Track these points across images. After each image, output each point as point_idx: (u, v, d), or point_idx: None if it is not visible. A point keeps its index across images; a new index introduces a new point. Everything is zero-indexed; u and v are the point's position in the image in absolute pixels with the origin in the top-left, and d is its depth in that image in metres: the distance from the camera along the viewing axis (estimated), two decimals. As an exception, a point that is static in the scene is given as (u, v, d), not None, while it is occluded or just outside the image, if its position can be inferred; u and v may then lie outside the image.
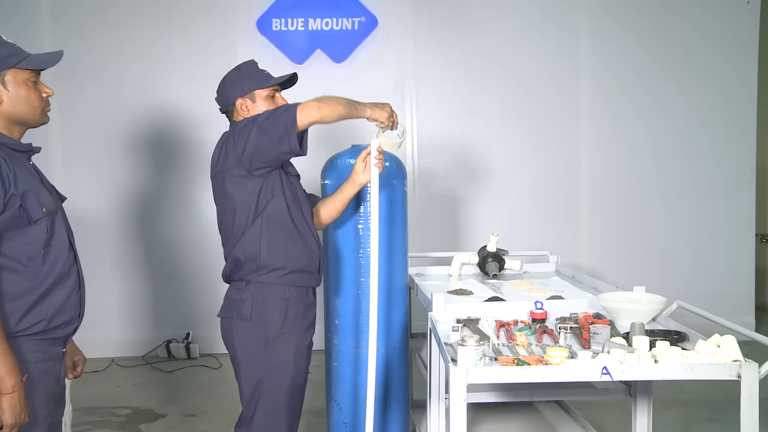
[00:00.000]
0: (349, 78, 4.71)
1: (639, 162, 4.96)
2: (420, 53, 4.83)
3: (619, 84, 4.92)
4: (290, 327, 2.14)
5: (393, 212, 2.70)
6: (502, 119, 4.89)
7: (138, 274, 4.76)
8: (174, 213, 4.74)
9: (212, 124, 3.47)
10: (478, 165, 4.88)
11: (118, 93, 4.66)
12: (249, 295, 2.13)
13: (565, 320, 2.14)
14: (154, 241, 4.76)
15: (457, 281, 3.03)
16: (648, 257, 4.96)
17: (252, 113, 2.18)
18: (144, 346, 4.73)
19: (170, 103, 4.67)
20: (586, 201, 4.98)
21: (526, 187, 4.92)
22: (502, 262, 3.09)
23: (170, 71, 4.68)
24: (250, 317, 2.12)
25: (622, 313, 2.14)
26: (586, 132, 4.96)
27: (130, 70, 4.67)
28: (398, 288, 2.73)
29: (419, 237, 4.56)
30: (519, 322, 2.19)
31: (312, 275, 2.22)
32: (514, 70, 4.86)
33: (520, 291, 2.75)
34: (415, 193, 4.82)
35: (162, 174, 4.74)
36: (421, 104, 4.85)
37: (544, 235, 4.80)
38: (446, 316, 2.28)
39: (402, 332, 2.74)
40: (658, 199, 4.99)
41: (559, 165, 4.93)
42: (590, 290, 2.72)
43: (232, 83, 2.20)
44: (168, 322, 4.77)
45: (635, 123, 4.95)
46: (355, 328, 2.63)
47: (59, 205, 1.80)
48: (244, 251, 2.13)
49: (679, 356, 1.73)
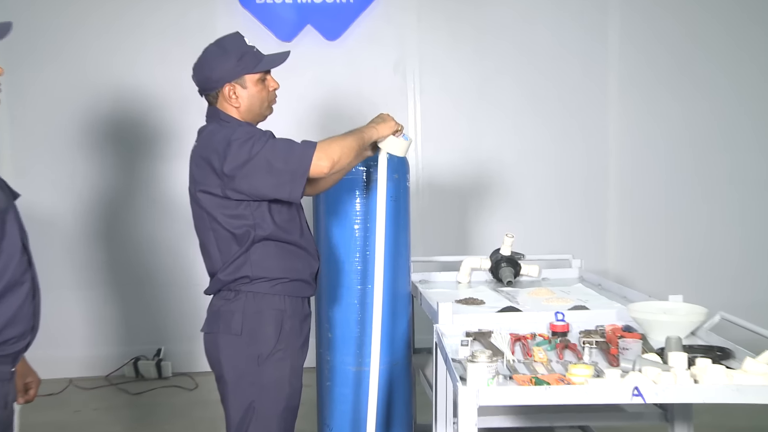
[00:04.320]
0: (344, 58, 4.71)
1: (675, 154, 4.96)
2: (424, 29, 4.83)
3: (652, 65, 4.92)
4: (286, 342, 2.15)
5: (395, 211, 2.71)
6: (518, 104, 4.89)
7: (102, 281, 4.75)
8: (144, 210, 4.74)
9: (188, 108, 3.45)
10: (490, 156, 4.87)
11: (79, 74, 4.66)
12: (239, 306, 2.14)
13: (590, 334, 2.14)
14: (121, 242, 4.75)
15: (467, 289, 3.03)
16: (685, 262, 4.96)
17: (240, 100, 2.19)
18: (108, 364, 4.72)
19: (140, 85, 4.66)
20: (614, 198, 4.98)
21: (545, 182, 4.92)
22: (518, 268, 3.09)
23: (139, 49, 4.67)
24: (240, 332, 2.12)
25: (656, 325, 2.14)
26: (614, 119, 4.96)
27: (93, 47, 4.66)
28: (401, 297, 2.73)
29: (423, 239, 4.56)
30: (537, 335, 2.20)
31: (308, 284, 2.25)
32: (531, 49, 4.86)
33: (538, 300, 2.75)
34: (418, 189, 4.82)
35: (130, 166, 4.73)
36: (424, 87, 4.84)
37: (566, 237, 4.80)
38: (454, 328, 2.28)
39: (404, 347, 2.74)
40: (697, 196, 4.99)
41: (582, 157, 4.93)
42: (619, 299, 2.72)
43: (216, 63, 2.20)
44: (136, 336, 4.77)
45: (671, 110, 4.95)
46: (352, 342, 2.63)
47: (11, 202, 1.80)
48: (229, 275, 2.15)
49: (724, 376, 1.72)
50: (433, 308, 2.45)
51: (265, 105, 2.25)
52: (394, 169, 2.68)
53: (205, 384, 4.39)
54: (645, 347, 1.98)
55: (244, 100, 2.20)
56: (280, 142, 2.09)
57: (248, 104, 2.21)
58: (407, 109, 4.79)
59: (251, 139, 2.06)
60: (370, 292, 2.57)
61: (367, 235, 2.69)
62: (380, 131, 2.30)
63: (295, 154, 2.05)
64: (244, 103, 2.20)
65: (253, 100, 2.21)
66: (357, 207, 2.68)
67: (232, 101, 2.19)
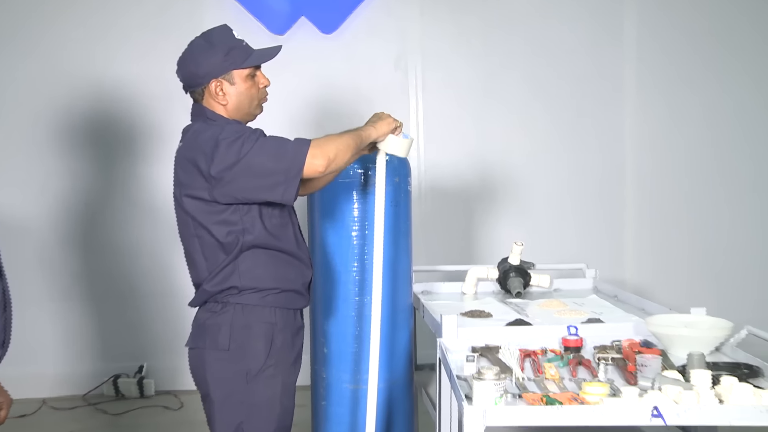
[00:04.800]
0: (340, 52, 4.72)
1: (696, 156, 4.97)
2: (427, 21, 4.84)
3: (671, 58, 4.93)
4: (276, 358, 2.16)
5: (395, 216, 2.72)
6: (527, 102, 4.90)
7: (78, 292, 4.75)
8: (124, 215, 4.73)
9: (173, 106, 3.46)
10: (498, 158, 4.89)
11: (56, 68, 4.66)
12: (226, 319, 2.14)
13: (606, 349, 2.15)
14: (100, 250, 4.75)
15: (473, 301, 3.04)
16: (708, 271, 4.96)
17: (228, 97, 2.20)
18: (85, 382, 4.72)
19: (121, 80, 4.66)
20: (630, 203, 4.99)
21: (557, 186, 4.93)
22: (528, 278, 3.09)
23: (121, 42, 4.68)
24: (227, 347, 2.13)
25: (677, 340, 2.15)
26: (631, 118, 4.96)
27: (71, 39, 4.66)
28: (401, 309, 2.74)
29: (425, 246, 4.57)
30: (548, 351, 2.20)
31: (301, 295, 2.25)
32: (542, 43, 4.87)
33: (549, 313, 2.76)
34: (421, 193, 4.83)
35: (109, 167, 4.74)
36: (427, 84, 4.86)
37: (579, 245, 4.81)
38: (459, 343, 2.28)
39: (405, 363, 2.74)
40: (721, 201, 4.99)
41: (597, 158, 4.94)
42: (637, 312, 2.73)
43: (201, 57, 2.20)
44: (116, 351, 4.76)
45: (691, 107, 4.96)
46: (349, 357, 2.63)
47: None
48: (215, 285, 2.16)
49: (751, 395, 1.72)
50: (436, 321, 2.45)
51: (254, 103, 2.26)
52: (394, 171, 2.69)
53: (190, 403, 4.39)
54: (665, 364, 1.99)
55: (231, 97, 2.20)
56: (271, 140, 2.10)
57: (236, 102, 2.21)
58: (409, 108, 4.80)
59: (240, 138, 2.06)
60: (369, 303, 2.58)
61: (366, 242, 2.69)
62: (378, 130, 2.30)
63: (288, 153, 2.05)
64: (232, 101, 2.21)
65: (242, 97, 2.22)
66: (354, 212, 2.69)
67: (219, 98, 2.20)
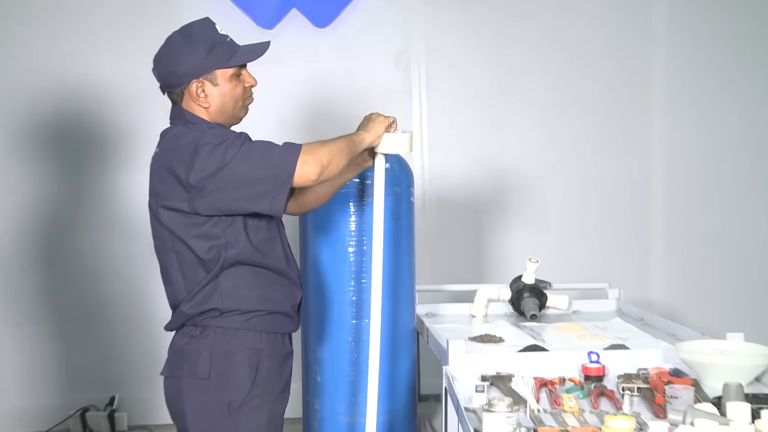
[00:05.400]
0: (335, 48, 4.72)
1: (731, 166, 4.97)
2: (432, 12, 4.85)
3: (704, 58, 4.93)
4: (262, 388, 2.16)
5: (396, 230, 2.72)
6: (545, 104, 4.90)
7: (41, 316, 4.73)
8: (94, 228, 4.72)
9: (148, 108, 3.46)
10: (511, 166, 4.88)
11: (17, 67, 4.66)
12: (206, 344, 2.14)
13: (631, 378, 2.15)
14: (66, 267, 4.73)
15: (482, 324, 3.05)
16: (746, 293, 4.96)
17: (210, 99, 2.20)
18: (49, 416, 4.69)
19: (90, 79, 4.67)
20: (659, 216, 4.98)
21: (577, 197, 4.93)
22: (544, 299, 3.10)
23: (89, 37, 4.69)
24: (207, 375, 2.13)
25: (712, 369, 2.14)
26: (660, 124, 4.97)
27: (34, 35, 4.67)
28: (403, 333, 2.74)
29: (430, 264, 4.56)
30: (567, 380, 2.20)
31: (290, 318, 2.25)
32: (562, 38, 4.88)
33: (568, 338, 2.77)
34: (425, 205, 4.82)
35: (76, 175, 4.73)
36: (432, 83, 4.86)
37: (602, 262, 4.80)
38: (467, 371, 2.28)
39: (408, 393, 2.74)
40: (758, 214, 5.00)
41: (622, 167, 4.94)
42: (666, 337, 2.73)
43: (181, 55, 2.20)
44: (84, 382, 4.74)
45: (726, 112, 4.96)
46: (345, 387, 2.63)
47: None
48: (194, 306, 2.16)
49: (794, 430, 1.72)
50: (442, 347, 2.45)
51: (239, 105, 2.26)
52: (395, 180, 2.69)
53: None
54: (698, 396, 1.99)
55: (214, 99, 2.21)
56: (258, 145, 2.10)
57: (219, 104, 2.22)
58: (411, 109, 4.79)
59: (224, 142, 2.06)
60: (366, 327, 2.57)
61: (363, 259, 2.70)
62: (372, 132, 2.30)
63: (277, 158, 2.05)
64: (215, 103, 2.21)
65: (226, 99, 2.22)
66: (351, 225, 2.69)
67: (200, 100, 2.20)
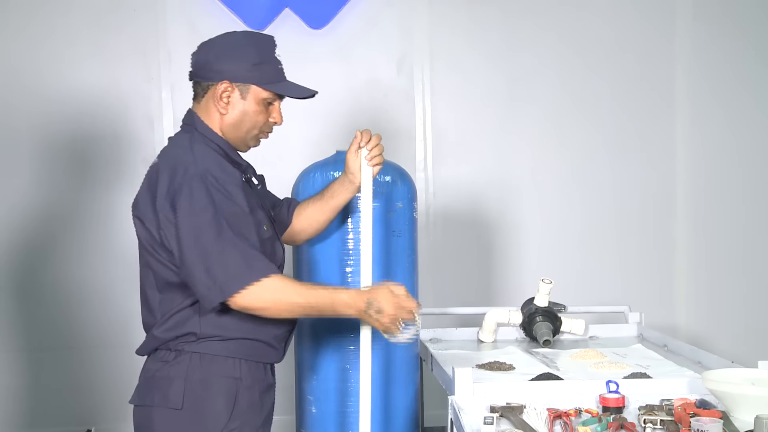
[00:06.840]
0: (332, 51, 4.73)
1: (762, 176, 4.98)
2: (436, 13, 4.87)
3: (730, 58, 4.95)
4: (241, 420, 2.15)
5: (396, 249, 2.72)
6: (559, 111, 4.91)
7: (10, 343, 4.73)
8: (71, 248, 4.72)
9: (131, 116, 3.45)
10: (522, 178, 4.89)
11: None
12: (180, 371, 2.15)
13: (654, 410, 2.15)
14: (40, 290, 4.73)
15: (491, 350, 3.04)
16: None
17: (230, 107, 2.22)
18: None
19: (70, 85, 4.67)
20: (683, 232, 4.98)
21: (594, 212, 4.93)
22: (558, 323, 3.09)
23: (70, 40, 4.70)
24: (181, 405, 2.13)
25: (742, 400, 2.13)
26: (684, 132, 4.97)
27: (13, 39, 4.68)
28: (404, 360, 2.73)
29: (434, 285, 4.56)
30: (583, 411, 2.20)
31: (272, 348, 2.25)
32: (577, 39, 4.89)
33: (584, 365, 2.76)
34: (429, 221, 4.83)
35: (54, 191, 4.73)
36: (437, 89, 4.87)
37: (621, 283, 4.81)
38: (475, 401, 2.28)
39: (410, 425, 2.74)
40: (792, 231, 5.00)
41: (643, 179, 4.95)
42: (691, 365, 2.72)
43: (229, 53, 2.24)
44: (56, 414, 4.73)
45: (755, 116, 4.96)
46: (341, 419, 2.63)
47: None
48: (168, 331, 2.17)
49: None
50: (447, 375, 2.45)
51: (253, 132, 2.28)
52: (396, 194, 2.70)
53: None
54: (727, 429, 1.98)
55: (234, 111, 2.23)
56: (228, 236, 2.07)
57: (237, 119, 2.24)
58: (415, 118, 4.81)
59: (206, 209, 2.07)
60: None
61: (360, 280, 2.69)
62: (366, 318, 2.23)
63: (231, 269, 2.05)
64: (233, 115, 2.24)
65: (245, 117, 2.25)
66: (349, 243, 2.69)
67: (220, 104, 2.23)
